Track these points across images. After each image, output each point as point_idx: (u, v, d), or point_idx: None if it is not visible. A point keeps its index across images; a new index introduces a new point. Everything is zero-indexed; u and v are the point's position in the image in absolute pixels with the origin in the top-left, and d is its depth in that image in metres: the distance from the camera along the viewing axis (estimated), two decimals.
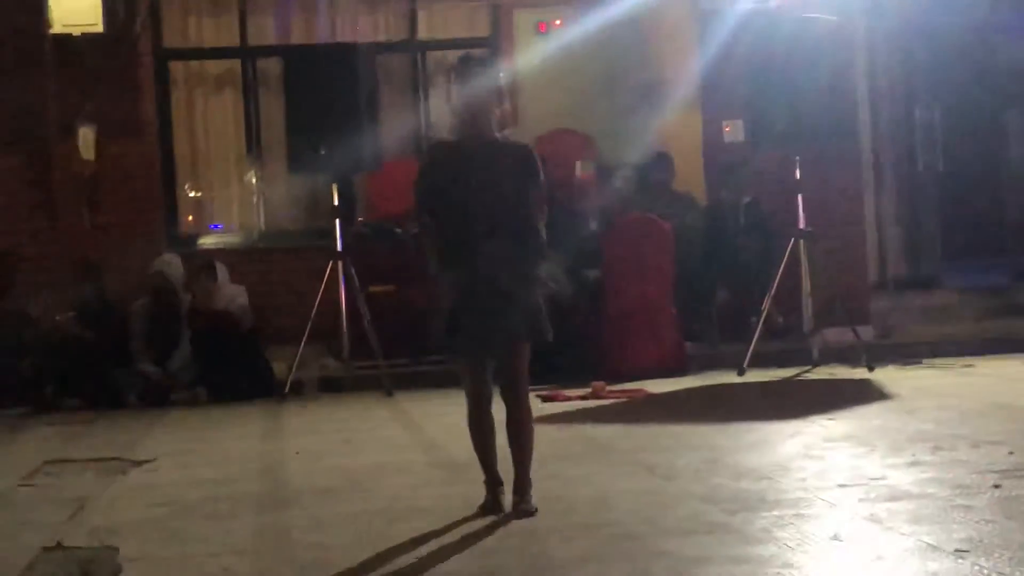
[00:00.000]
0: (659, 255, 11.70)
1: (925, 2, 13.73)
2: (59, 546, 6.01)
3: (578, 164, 12.58)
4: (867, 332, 12.03)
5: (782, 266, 11.24)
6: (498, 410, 6.39)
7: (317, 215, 13.42)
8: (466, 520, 6.15)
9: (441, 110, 5.87)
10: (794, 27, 11.04)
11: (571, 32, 13.22)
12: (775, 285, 11.23)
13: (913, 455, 7.18)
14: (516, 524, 6.03)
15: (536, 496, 6.39)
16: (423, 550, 5.63)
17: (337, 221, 11.41)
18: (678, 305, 11.73)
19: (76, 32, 12.49)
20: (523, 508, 6.21)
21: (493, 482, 6.38)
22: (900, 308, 13.20)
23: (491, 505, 6.33)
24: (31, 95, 12.52)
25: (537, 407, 9.74)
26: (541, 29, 13.96)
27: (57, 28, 12.43)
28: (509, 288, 6.19)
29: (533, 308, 6.30)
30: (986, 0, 14.73)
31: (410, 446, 8.58)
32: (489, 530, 5.94)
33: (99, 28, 12.47)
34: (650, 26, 13.47)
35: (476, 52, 6.51)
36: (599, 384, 10.47)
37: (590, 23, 12.86)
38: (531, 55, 13.25)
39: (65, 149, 12.62)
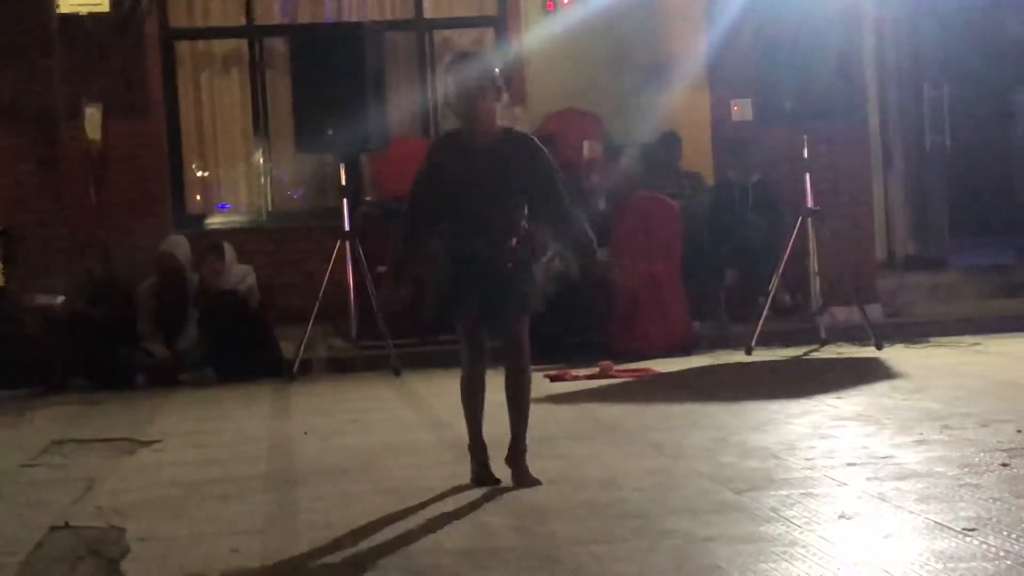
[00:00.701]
0: (667, 234, 11.69)
1: None
2: (67, 526, 6.02)
3: (586, 143, 12.54)
4: (875, 311, 12.02)
5: (790, 245, 11.23)
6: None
7: (325, 195, 13.42)
8: (474, 499, 6.16)
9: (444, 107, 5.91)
10: (802, 5, 11.01)
11: (579, 10, 13.20)
12: (783, 264, 11.22)
13: (921, 434, 7.17)
14: (524, 504, 6.03)
15: (544, 476, 6.39)
16: (431, 529, 5.63)
17: (344, 201, 11.39)
18: (686, 284, 11.71)
19: (83, 12, 12.51)
20: (525, 477, 6.35)
21: (480, 448, 6.47)
22: (908, 287, 13.18)
23: (482, 475, 6.41)
24: (38, 75, 12.53)
25: (545, 386, 9.80)
26: (549, 8, 13.93)
27: (64, 8, 12.46)
28: (506, 268, 6.25)
29: (529, 285, 6.38)
30: None
31: (418, 426, 8.58)
32: (497, 510, 5.94)
33: (105, 8, 12.50)
34: (658, 4, 13.45)
35: (466, 51, 6.58)
36: (607, 363, 10.46)
37: (598, 1, 12.83)
38: (538, 33, 13.23)
39: (71, 129, 12.63)
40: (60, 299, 11.46)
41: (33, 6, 12.49)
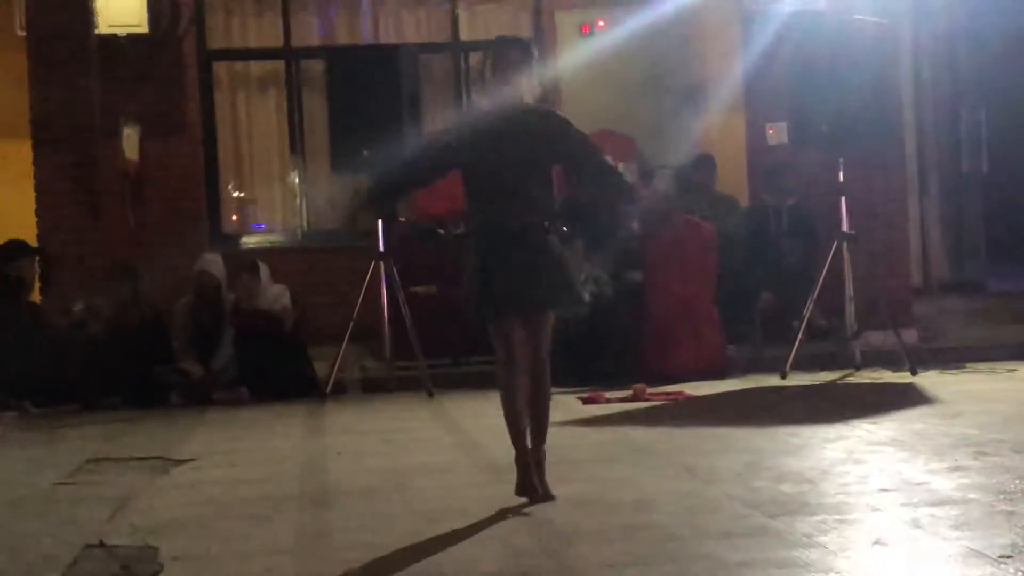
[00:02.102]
0: (702, 257, 11.66)
1: (972, 5, 13.66)
2: (101, 544, 6.03)
3: (620, 166, 12.51)
4: (910, 336, 11.96)
5: (825, 268, 11.19)
6: None
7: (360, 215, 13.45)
8: (506, 521, 6.15)
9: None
10: (839, 28, 10.99)
11: (614, 33, 13.21)
12: (818, 288, 11.18)
13: (956, 460, 7.13)
14: (556, 526, 6.02)
15: (576, 498, 6.37)
16: (463, 551, 5.63)
17: (379, 221, 11.41)
18: (720, 307, 11.69)
19: (122, 32, 12.59)
20: (543, 490, 6.38)
21: (525, 455, 6.42)
22: (944, 312, 13.12)
23: (526, 484, 6.37)
24: (77, 95, 12.62)
25: (578, 409, 9.79)
26: (584, 31, 13.97)
27: (103, 28, 12.53)
28: (541, 254, 6.33)
29: (567, 277, 6.46)
30: None
31: (451, 447, 8.58)
32: (529, 531, 5.93)
33: (144, 29, 12.58)
34: (693, 27, 13.45)
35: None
36: (640, 386, 10.44)
37: (633, 24, 12.84)
38: (573, 56, 13.25)
39: (109, 149, 12.70)
40: (80, 306, 11.49)
41: (72, 26, 12.58)
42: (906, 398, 9.87)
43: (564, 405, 9.89)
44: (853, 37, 10.91)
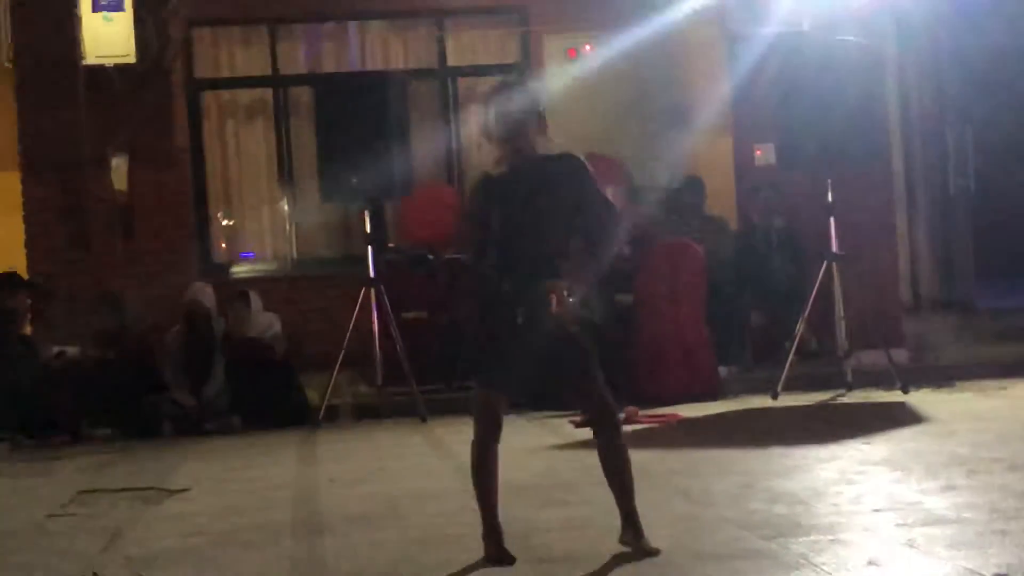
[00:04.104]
0: (692, 278, 11.68)
1: (955, 24, 13.71)
2: None
3: (609, 189, 12.54)
4: (901, 355, 11.98)
5: (815, 289, 11.21)
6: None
7: (350, 242, 13.47)
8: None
9: (475, 137, 5.69)
10: (824, 50, 11.02)
11: (600, 57, 13.24)
12: (808, 308, 11.20)
13: (949, 479, 7.14)
14: (552, 551, 6.02)
15: (570, 522, 6.37)
16: None
17: (369, 248, 11.42)
18: (711, 328, 11.70)
19: (109, 63, 12.58)
20: (648, 546, 5.84)
21: (496, 532, 5.89)
22: (934, 330, 13.14)
23: (501, 556, 5.83)
24: (65, 126, 12.61)
25: (570, 432, 9.78)
26: (571, 55, 14.01)
27: (90, 59, 12.52)
28: (563, 330, 5.88)
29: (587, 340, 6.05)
30: (1018, 21, 14.68)
31: (444, 473, 8.57)
32: (524, 557, 5.90)
33: (132, 59, 12.57)
34: (679, 50, 13.49)
35: (510, 78, 6.28)
36: (632, 409, 10.44)
37: (619, 48, 12.88)
38: (561, 80, 13.27)
39: (98, 179, 12.70)
40: (75, 350, 11.50)
41: (59, 57, 12.58)
42: (898, 417, 9.88)
43: (557, 428, 9.90)
44: (838, 58, 10.95)
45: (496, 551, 5.85)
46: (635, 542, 5.86)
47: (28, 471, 9.69)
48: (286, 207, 13.87)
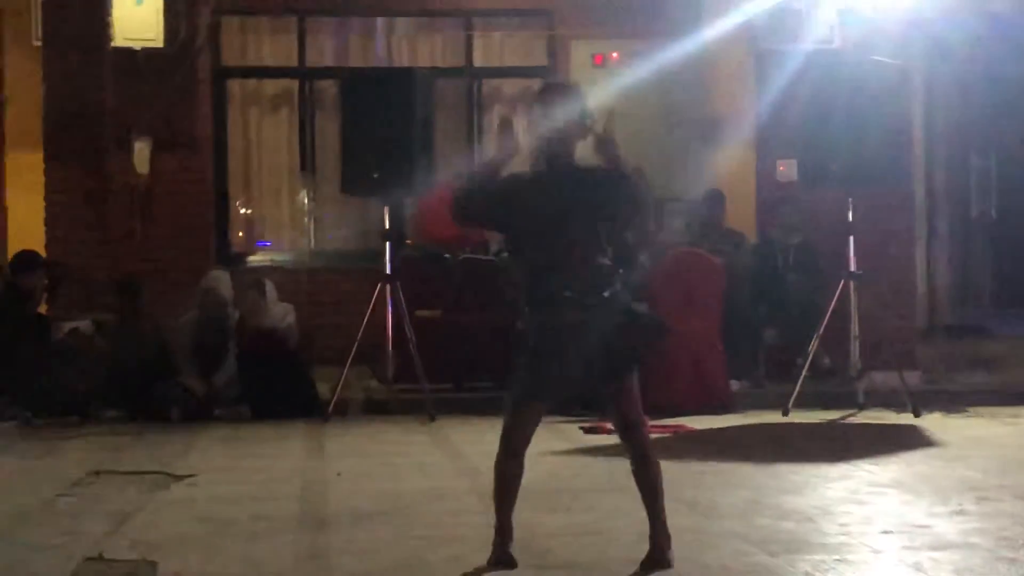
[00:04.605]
0: (707, 290, 11.65)
1: (988, 49, 13.66)
2: (100, 558, 6.03)
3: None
4: (914, 378, 11.95)
5: (831, 307, 11.18)
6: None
7: (367, 237, 13.47)
8: None
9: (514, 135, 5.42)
10: (854, 69, 11.00)
11: (628, 66, 13.22)
12: (823, 326, 11.18)
13: (958, 504, 7.12)
14: (557, 557, 6.00)
15: (576, 529, 6.35)
16: None
17: (387, 244, 11.41)
18: (724, 342, 11.67)
19: (136, 46, 12.60)
20: (667, 557, 5.75)
21: (506, 532, 5.82)
22: (948, 355, 13.10)
23: (505, 558, 5.76)
24: (90, 107, 12.64)
25: (579, 438, 9.77)
26: (597, 61, 14.00)
27: (118, 41, 12.54)
28: (599, 325, 5.80)
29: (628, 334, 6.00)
30: None
31: (451, 472, 8.57)
32: (528, 562, 5.87)
33: (159, 43, 12.58)
34: (708, 63, 13.46)
35: (562, 81, 6.09)
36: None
37: (647, 58, 12.86)
38: (585, 86, 13.23)
39: (120, 162, 12.72)
40: (86, 322, 11.50)
41: (88, 38, 12.61)
42: (909, 440, 9.86)
43: (566, 434, 9.88)
44: (870, 78, 10.92)
45: (501, 552, 5.82)
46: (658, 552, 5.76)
47: (37, 451, 9.70)
48: (306, 199, 13.87)
